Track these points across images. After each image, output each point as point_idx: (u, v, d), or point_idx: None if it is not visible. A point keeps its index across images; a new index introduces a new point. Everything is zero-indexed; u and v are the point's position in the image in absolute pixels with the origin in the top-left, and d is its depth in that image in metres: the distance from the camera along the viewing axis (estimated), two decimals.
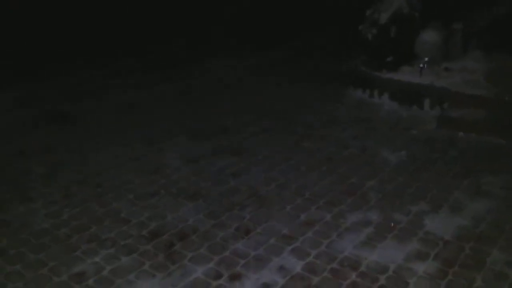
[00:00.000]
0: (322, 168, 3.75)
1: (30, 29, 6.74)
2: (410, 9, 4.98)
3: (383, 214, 3.15)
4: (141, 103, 5.07)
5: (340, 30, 6.97)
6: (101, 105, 4.97)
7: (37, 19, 6.95)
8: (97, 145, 4.07)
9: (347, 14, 6.93)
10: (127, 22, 7.75)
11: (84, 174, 3.58)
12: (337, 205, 3.25)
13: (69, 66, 6.15)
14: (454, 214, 3.17)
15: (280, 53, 6.90)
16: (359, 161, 3.88)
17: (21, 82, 5.42)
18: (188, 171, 3.67)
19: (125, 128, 4.44)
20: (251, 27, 7.86)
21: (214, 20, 7.94)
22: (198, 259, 2.69)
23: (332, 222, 3.06)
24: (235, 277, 2.56)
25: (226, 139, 4.24)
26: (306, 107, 5.03)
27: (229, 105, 5.08)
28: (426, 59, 4.92)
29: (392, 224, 3.03)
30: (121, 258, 2.68)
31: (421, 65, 4.87)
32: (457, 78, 4.86)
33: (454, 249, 2.81)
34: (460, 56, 5.13)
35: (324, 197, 3.33)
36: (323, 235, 2.92)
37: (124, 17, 7.86)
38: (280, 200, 3.30)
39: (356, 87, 5.29)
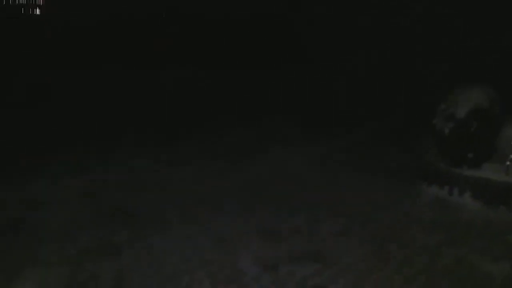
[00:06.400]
0: (419, 281, 3.33)
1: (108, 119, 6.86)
2: (491, 104, 4.73)
3: None
4: (206, 196, 4.82)
5: (404, 119, 6.77)
6: (165, 198, 4.73)
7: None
8: (164, 244, 3.77)
9: (409, 101, 6.78)
10: (191, 110, 7.82)
11: (154, 281, 3.26)
12: None
13: (128, 157, 6.07)
14: None
15: (343, 143, 6.68)
16: (458, 273, 3.44)
17: (84, 174, 5.31)
18: (267, 281, 3.31)
19: (191, 225, 4.15)
20: (310, 115, 7.79)
21: (274, 109, 7.92)
22: None
23: None
24: None
25: (302, 241, 3.90)
26: (379, 204, 4.68)
27: (297, 199, 4.77)
28: None
29: None
30: None
31: (508, 162, 4.53)
32: None
33: None
34: None
35: None
36: None
37: (186, 105, 7.95)
38: None
39: (430, 183, 4.96)
